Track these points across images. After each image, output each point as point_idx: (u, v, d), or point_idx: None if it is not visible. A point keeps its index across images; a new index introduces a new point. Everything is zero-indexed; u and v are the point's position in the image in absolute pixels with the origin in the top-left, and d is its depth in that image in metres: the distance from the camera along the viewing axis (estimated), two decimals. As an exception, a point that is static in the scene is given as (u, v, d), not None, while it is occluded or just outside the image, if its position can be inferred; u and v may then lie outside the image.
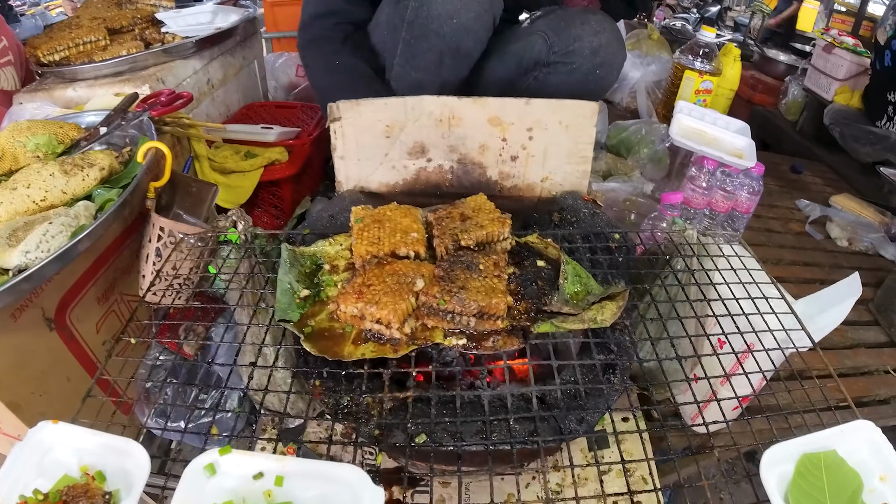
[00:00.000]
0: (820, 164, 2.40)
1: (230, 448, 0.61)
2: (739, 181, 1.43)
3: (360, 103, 0.94)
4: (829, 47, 2.47)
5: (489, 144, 0.96)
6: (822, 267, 1.69)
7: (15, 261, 0.83)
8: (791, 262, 1.68)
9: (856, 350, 1.43)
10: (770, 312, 0.84)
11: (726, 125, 1.56)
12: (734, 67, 2.16)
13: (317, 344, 0.72)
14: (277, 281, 0.80)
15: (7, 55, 1.53)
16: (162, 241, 1.01)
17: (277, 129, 1.51)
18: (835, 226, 1.86)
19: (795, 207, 1.98)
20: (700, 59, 2.01)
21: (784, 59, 2.86)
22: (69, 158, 1.02)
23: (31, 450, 0.63)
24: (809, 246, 1.79)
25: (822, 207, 1.94)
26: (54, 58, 1.43)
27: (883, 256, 1.79)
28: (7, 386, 0.86)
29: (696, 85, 1.99)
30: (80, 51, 1.45)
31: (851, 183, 2.26)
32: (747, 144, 1.47)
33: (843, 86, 2.41)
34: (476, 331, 0.71)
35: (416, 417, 0.68)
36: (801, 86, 2.60)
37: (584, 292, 0.76)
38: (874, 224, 1.90)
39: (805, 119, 2.57)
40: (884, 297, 1.56)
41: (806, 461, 0.62)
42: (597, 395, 0.72)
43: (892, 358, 1.42)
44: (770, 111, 2.76)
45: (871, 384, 1.35)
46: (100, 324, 1.04)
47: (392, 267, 0.75)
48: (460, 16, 1.08)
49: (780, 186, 2.11)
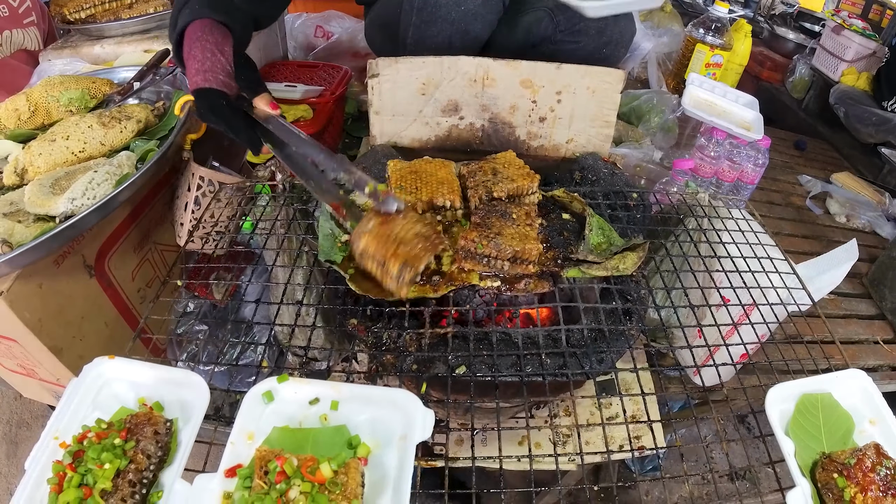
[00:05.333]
0: (823, 143, 2.45)
1: (287, 376, 0.65)
2: (746, 153, 1.48)
3: (399, 61, 0.98)
4: (838, 28, 2.50)
5: (519, 105, 1.01)
6: (819, 240, 1.75)
7: (61, 207, 0.86)
8: (790, 234, 1.74)
9: (848, 320, 1.51)
10: (774, 272, 0.91)
11: (736, 98, 1.60)
12: (745, 43, 2.18)
13: (360, 284, 0.77)
14: (319, 226, 0.86)
15: (30, 16, 1.56)
16: (201, 191, 1.05)
17: (302, 87, 1.54)
18: (834, 202, 1.92)
19: (797, 182, 2.03)
20: (712, 33, 2.04)
21: (793, 38, 2.88)
22: (106, 111, 1.05)
23: (88, 384, 0.66)
24: (809, 220, 1.85)
25: (822, 183, 1.99)
26: (80, 15, 1.45)
27: (879, 234, 1.85)
28: (49, 330, 0.90)
29: (707, 58, 2.02)
30: (106, 9, 1.47)
31: (853, 162, 2.31)
32: (755, 118, 1.52)
33: (849, 67, 2.44)
34: (509, 274, 0.77)
35: (455, 352, 0.75)
36: (809, 65, 2.63)
37: (607, 243, 0.82)
38: (872, 203, 1.96)
39: (811, 97, 2.62)
40: (877, 273, 1.62)
41: (805, 401, 0.69)
42: (617, 337, 0.79)
43: (881, 330, 1.50)
44: (777, 88, 2.80)
45: (861, 352, 1.43)
46: (135, 272, 1.08)
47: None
48: (468, 2, 1.10)
49: (783, 161, 2.17)
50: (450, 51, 1.18)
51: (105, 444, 0.58)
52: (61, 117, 1.09)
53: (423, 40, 1.18)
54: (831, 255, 1.01)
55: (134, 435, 0.59)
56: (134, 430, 0.60)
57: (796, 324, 0.92)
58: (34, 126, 1.09)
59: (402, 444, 0.60)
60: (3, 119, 1.08)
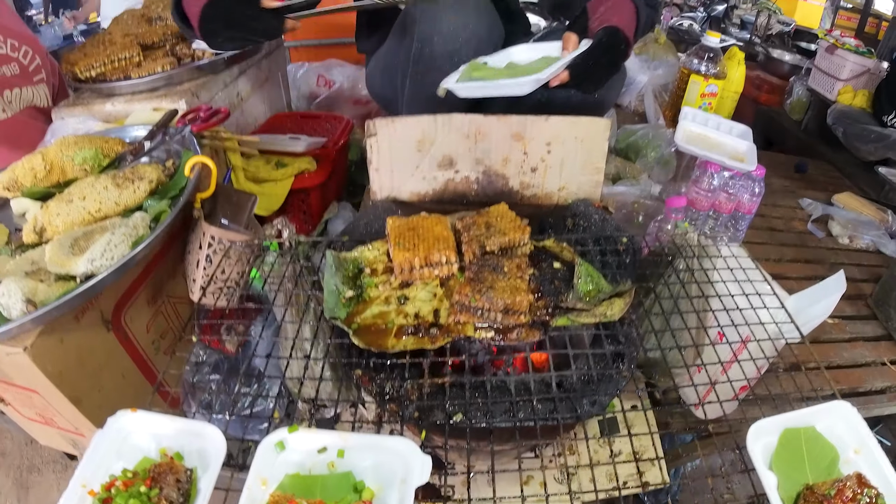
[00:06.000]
0: (824, 163, 2.47)
1: (297, 427, 0.70)
2: (742, 183, 1.51)
3: (395, 121, 1.04)
4: (831, 48, 2.53)
5: (511, 157, 1.06)
6: (823, 264, 1.77)
7: (81, 268, 0.91)
8: (793, 260, 1.76)
9: (853, 343, 1.51)
10: (763, 307, 0.94)
11: (729, 129, 1.64)
12: (739, 70, 2.23)
13: (363, 338, 0.83)
14: (324, 283, 0.91)
15: (40, 73, 1.61)
16: (212, 248, 1.09)
17: (305, 140, 1.59)
18: (836, 224, 1.93)
19: (798, 206, 2.05)
20: (705, 63, 2.09)
21: (788, 59, 2.93)
22: (120, 172, 1.09)
23: (112, 435, 0.71)
24: (811, 244, 1.86)
25: (823, 206, 2.01)
26: (91, 74, 1.49)
27: (883, 253, 1.86)
28: (70, 382, 0.94)
29: (702, 89, 2.07)
30: (116, 67, 1.51)
31: (855, 181, 2.33)
32: (749, 148, 1.55)
33: (845, 86, 2.47)
34: (502, 325, 0.82)
35: (452, 400, 0.79)
36: (806, 86, 2.67)
37: (596, 290, 0.87)
38: (875, 222, 1.97)
39: (809, 118, 2.65)
40: (881, 293, 1.63)
41: (788, 434, 0.71)
42: (607, 381, 0.83)
43: (888, 350, 1.50)
44: (775, 110, 2.83)
45: (868, 375, 1.43)
46: (149, 324, 1.12)
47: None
48: (461, 54, 1.14)
49: (784, 185, 2.19)
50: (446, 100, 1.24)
51: (132, 491, 0.63)
52: (76, 175, 1.14)
53: (420, 90, 1.25)
54: (821, 286, 1.04)
55: (158, 483, 0.64)
56: (157, 479, 0.65)
57: (797, 352, 0.94)
58: (50, 184, 1.14)
59: (402, 488, 0.65)
60: (20, 177, 1.13)
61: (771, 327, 0.92)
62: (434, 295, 0.88)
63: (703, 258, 1.00)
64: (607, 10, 1.04)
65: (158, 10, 1.74)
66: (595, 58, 0.98)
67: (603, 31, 1.00)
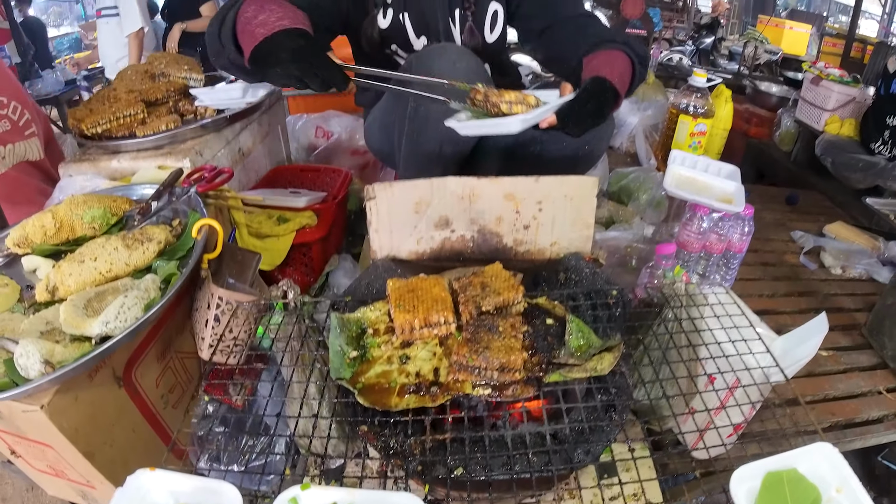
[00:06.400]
0: (815, 193, 2.52)
1: (309, 484, 0.75)
2: (731, 224, 1.56)
3: (393, 184, 1.11)
4: (816, 80, 2.60)
5: (504, 216, 1.12)
6: (816, 296, 1.80)
7: (96, 329, 0.95)
8: (786, 294, 1.79)
9: (849, 374, 1.53)
10: (748, 353, 0.99)
11: (717, 171, 1.69)
12: (726, 108, 2.31)
13: (368, 397, 0.88)
14: (329, 344, 0.96)
15: (31, 127, 1.64)
16: (220, 309, 1.13)
17: (306, 195, 1.64)
18: (828, 255, 1.96)
19: (790, 239, 2.09)
20: (693, 103, 2.17)
21: (776, 92, 3.02)
22: (129, 233, 1.14)
23: (131, 494, 0.75)
24: (804, 276, 1.89)
25: (815, 238, 2.04)
26: (97, 130, 1.52)
27: (876, 280, 1.88)
28: (83, 438, 0.97)
29: (691, 128, 2.14)
30: (121, 123, 1.54)
31: (846, 209, 2.37)
32: (737, 189, 1.60)
33: (832, 115, 2.53)
34: (498, 382, 0.87)
35: (453, 454, 0.84)
36: (794, 117, 2.74)
37: (587, 345, 0.92)
38: (867, 250, 1.99)
39: (799, 149, 2.71)
40: (875, 321, 1.64)
41: (770, 478, 0.75)
42: (600, 431, 0.88)
43: (884, 379, 1.52)
44: (765, 143, 2.90)
45: (864, 405, 1.44)
46: (159, 379, 1.16)
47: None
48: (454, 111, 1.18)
49: (775, 218, 2.24)
50: (440, 156, 1.31)
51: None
52: (84, 233, 1.18)
53: (416, 147, 1.32)
54: (804, 329, 1.08)
55: (177, 539, 0.68)
56: (177, 535, 0.69)
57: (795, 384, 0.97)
58: (59, 241, 1.18)
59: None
60: (31, 234, 1.16)
61: (757, 372, 0.97)
62: (434, 354, 0.93)
63: (690, 307, 1.06)
64: (599, 62, 1.12)
65: (161, 66, 1.80)
66: (581, 103, 1.05)
67: (591, 79, 1.07)
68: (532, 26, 1.47)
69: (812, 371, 1.52)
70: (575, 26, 1.38)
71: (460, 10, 1.45)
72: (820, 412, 1.40)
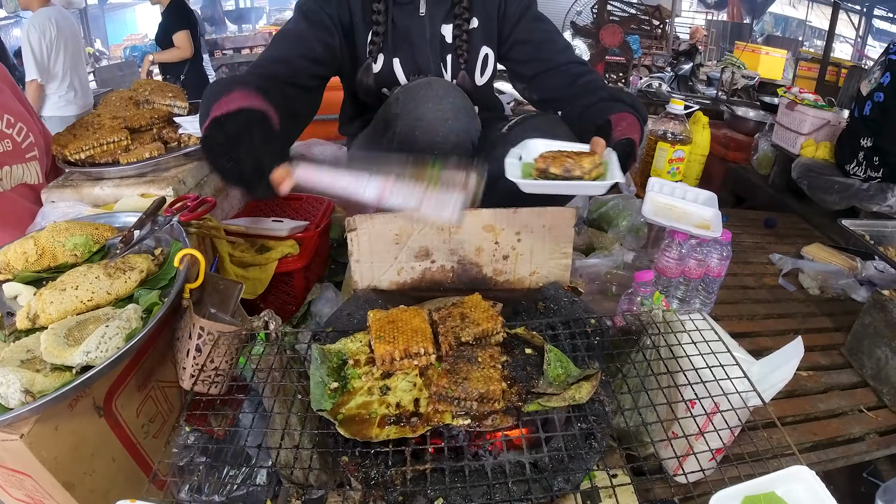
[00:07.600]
0: (793, 216, 2.57)
1: None
2: (709, 249, 1.59)
3: (374, 216, 1.13)
4: (791, 105, 2.67)
5: (484, 247, 1.14)
6: (795, 317, 1.82)
7: (77, 359, 0.94)
8: (766, 316, 1.81)
9: (829, 394, 1.55)
10: (726, 378, 1.00)
11: (695, 197, 1.73)
12: (704, 134, 2.36)
13: (349, 428, 0.88)
14: (311, 375, 0.97)
15: (33, 150, 1.62)
16: (202, 339, 1.12)
17: (289, 223, 1.65)
18: (806, 276, 1.99)
19: (769, 262, 2.12)
20: (671, 130, 2.21)
21: (753, 116, 3.09)
22: (111, 262, 1.13)
23: None
24: (783, 298, 1.92)
25: (793, 260, 2.08)
26: (80, 156, 1.51)
27: (855, 300, 1.91)
28: (63, 467, 0.96)
29: (669, 155, 2.18)
30: (104, 150, 1.53)
31: (824, 231, 2.42)
32: (714, 215, 1.63)
33: (807, 139, 2.59)
34: (478, 412, 0.88)
35: (434, 485, 0.84)
36: (770, 141, 2.80)
37: (565, 375, 0.93)
38: (844, 270, 2.02)
39: (776, 173, 2.77)
40: (853, 340, 1.67)
41: (748, 502, 0.77)
42: (579, 459, 0.88)
43: (864, 397, 1.54)
44: (743, 167, 2.96)
45: (845, 424, 1.46)
46: (139, 409, 1.14)
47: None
48: (439, 147, 1.24)
49: (754, 241, 2.28)
50: None
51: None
52: (66, 260, 1.17)
53: None
54: (781, 353, 1.10)
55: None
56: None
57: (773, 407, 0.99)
58: (40, 268, 1.17)
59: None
60: (12, 260, 1.15)
61: (734, 397, 0.98)
62: (414, 384, 0.94)
63: (668, 334, 1.07)
64: (625, 127, 1.24)
65: (146, 93, 1.79)
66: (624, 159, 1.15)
67: (626, 140, 1.18)
68: (523, 70, 1.54)
69: (793, 392, 1.54)
70: (569, 76, 1.46)
71: (452, 56, 1.49)
72: (801, 432, 1.41)
